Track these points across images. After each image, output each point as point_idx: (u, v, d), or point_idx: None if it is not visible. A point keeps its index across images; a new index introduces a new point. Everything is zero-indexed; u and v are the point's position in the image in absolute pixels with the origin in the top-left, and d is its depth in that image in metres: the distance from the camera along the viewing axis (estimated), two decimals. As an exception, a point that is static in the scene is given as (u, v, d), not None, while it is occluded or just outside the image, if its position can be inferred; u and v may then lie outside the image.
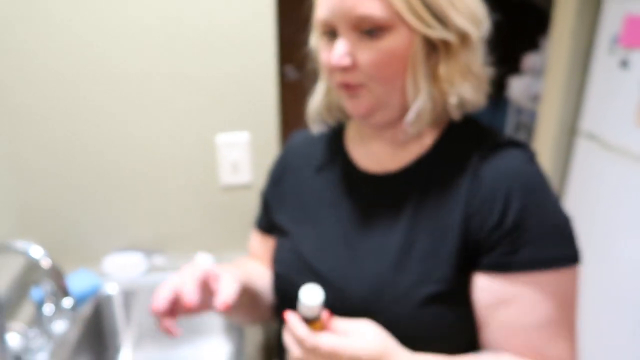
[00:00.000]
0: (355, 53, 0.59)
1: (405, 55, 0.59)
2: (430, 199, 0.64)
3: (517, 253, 0.59)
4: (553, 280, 0.59)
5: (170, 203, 1.19)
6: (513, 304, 0.60)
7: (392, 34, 0.57)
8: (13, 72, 1.03)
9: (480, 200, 0.61)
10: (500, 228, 0.59)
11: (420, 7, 0.56)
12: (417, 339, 0.61)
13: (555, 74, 1.98)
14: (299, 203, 0.75)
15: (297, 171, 0.78)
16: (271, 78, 1.13)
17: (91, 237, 1.19)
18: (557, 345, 0.60)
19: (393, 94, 0.61)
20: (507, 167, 0.61)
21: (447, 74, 0.60)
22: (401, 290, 0.61)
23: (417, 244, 0.62)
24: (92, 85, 1.07)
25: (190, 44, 1.07)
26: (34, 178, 1.12)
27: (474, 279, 0.62)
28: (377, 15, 0.56)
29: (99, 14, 1.02)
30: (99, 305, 1.12)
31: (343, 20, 0.58)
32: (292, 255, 0.72)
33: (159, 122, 1.12)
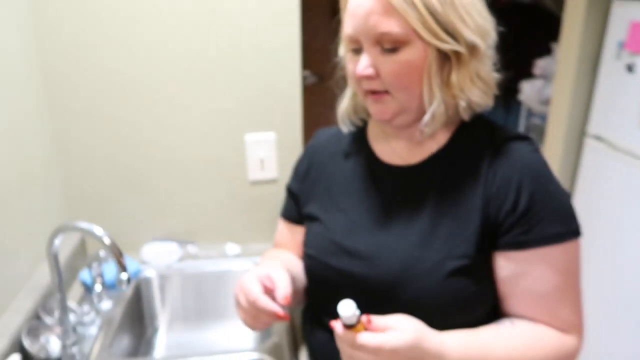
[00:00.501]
0: (377, 64, 0.69)
1: (421, 66, 0.68)
2: (451, 187, 0.74)
3: (529, 232, 0.69)
4: (559, 253, 0.69)
5: (203, 197, 1.30)
6: (528, 276, 0.70)
7: (409, 48, 0.67)
8: (63, 77, 1.15)
9: (496, 188, 0.71)
10: (515, 212, 0.69)
11: (433, 24, 0.65)
12: (442, 310, 0.71)
13: (564, 78, 2.06)
14: (327, 193, 0.84)
15: (324, 165, 0.87)
16: (296, 83, 1.24)
17: (131, 227, 1.30)
18: (565, 308, 0.71)
19: (412, 99, 0.71)
20: (518, 159, 0.72)
21: (457, 81, 0.69)
22: (427, 266, 0.70)
23: (441, 225, 0.72)
24: (136, 89, 1.18)
25: (222, 51, 1.18)
26: (81, 173, 1.24)
27: (494, 257, 0.72)
28: (396, 32, 0.66)
29: (144, 27, 1.13)
30: (138, 289, 1.24)
31: (366, 36, 0.68)
32: (323, 239, 0.81)
33: (194, 123, 1.23)
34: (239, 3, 1.15)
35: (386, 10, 0.65)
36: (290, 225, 0.94)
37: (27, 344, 0.90)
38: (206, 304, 1.30)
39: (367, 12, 0.66)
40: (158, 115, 1.21)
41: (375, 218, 0.77)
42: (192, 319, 1.31)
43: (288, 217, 0.94)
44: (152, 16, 1.13)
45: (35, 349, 0.92)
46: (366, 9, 0.67)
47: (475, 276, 0.71)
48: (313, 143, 0.93)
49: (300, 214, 0.91)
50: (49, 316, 1.00)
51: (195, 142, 1.25)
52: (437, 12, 0.65)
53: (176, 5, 1.13)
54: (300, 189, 0.90)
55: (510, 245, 0.70)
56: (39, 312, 0.99)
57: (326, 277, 0.78)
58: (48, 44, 1.12)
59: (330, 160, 0.87)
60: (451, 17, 0.66)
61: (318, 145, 0.91)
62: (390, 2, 0.65)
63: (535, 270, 0.70)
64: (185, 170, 1.27)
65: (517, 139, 0.74)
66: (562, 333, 0.72)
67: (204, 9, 1.14)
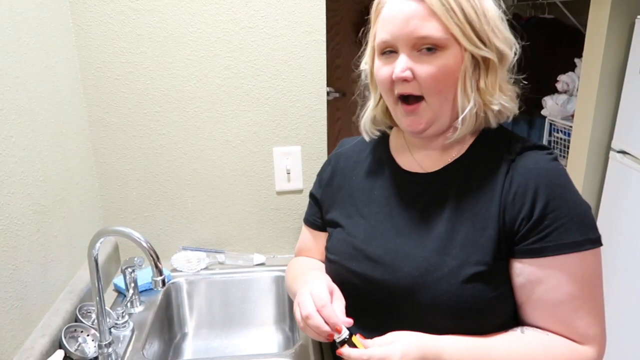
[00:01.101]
0: (414, 68, 0.71)
1: (456, 70, 0.72)
2: (470, 194, 0.76)
3: (544, 240, 0.70)
4: (576, 262, 0.70)
5: (232, 207, 1.35)
6: (543, 284, 0.71)
7: (447, 52, 0.71)
8: (103, 94, 1.22)
9: (513, 196, 0.72)
10: (530, 220, 0.71)
11: (469, 31, 0.70)
12: (459, 315, 0.72)
13: (587, 93, 2.06)
14: (349, 200, 0.88)
15: (347, 173, 0.91)
16: (322, 98, 1.28)
17: (163, 236, 1.36)
18: (582, 318, 0.71)
19: (445, 105, 0.74)
20: (535, 167, 0.73)
21: (486, 86, 0.73)
22: (445, 271, 0.72)
23: (459, 232, 0.74)
24: (170, 104, 1.25)
25: (253, 68, 1.24)
26: (116, 184, 1.30)
27: (511, 264, 0.73)
28: (436, 36, 0.69)
29: (180, 46, 1.20)
30: (168, 295, 1.28)
31: (405, 40, 0.71)
32: (345, 245, 0.84)
33: (225, 137, 1.29)
34: (271, 23, 1.20)
35: (427, 15, 0.69)
36: (313, 231, 0.98)
37: (66, 344, 0.95)
38: (232, 311, 1.34)
39: (408, 16, 0.70)
40: (191, 129, 1.27)
41: (395, 224, 0.80)
42: (218, 325, 1.34)
43: (312, 224, 0.98)
44: (187, 35, 1.20)
45: (73, 349, 0.97)
46: (407, 13, 0.70)
47: (492, 283, 0.72)
48: (337, 151, 0.97)
49: (323, 220, 0.94)
50: (85, 318, 1.05)
51: (226, 155, 1.30)
52: (474, 21, 0.69)
53: (211, 24, 1.19)
54: (323, 195, 0.94)
55: (526, 253, 0.72)
56: (76, 314, 1.04)
57: (348, 282, 0.81)
58: (90, 64, 1.19)
59: (354, 168, 0.90)
60: (485, 27, 0.70)
61: (342, 153, 0.95)
62: (431, 7, 0.68)
63: (551, 278, 0.71)
64: (216, 182, 1.33)
65: (535, 148, 0.76)
66: (578, 344, 0.72)
67: (237, 27, 1.20)
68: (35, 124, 0.97)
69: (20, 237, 0.90)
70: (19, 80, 0.92)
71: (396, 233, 0.79)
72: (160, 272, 0.85)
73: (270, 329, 1.35)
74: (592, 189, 2.11)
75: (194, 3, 1.17)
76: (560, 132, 2.69)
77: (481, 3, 0.71)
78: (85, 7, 1.15)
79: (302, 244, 1.03)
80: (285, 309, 1.33)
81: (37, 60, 0.99)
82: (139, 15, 1.17)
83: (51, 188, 1.03)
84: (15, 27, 0.91)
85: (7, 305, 0.85)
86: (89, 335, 1.02)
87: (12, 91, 0.89)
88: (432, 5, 0.68)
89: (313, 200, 0.98)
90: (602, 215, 2.03)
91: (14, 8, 0.91)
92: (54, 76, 1.06)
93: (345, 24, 3.03)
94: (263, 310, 1.34)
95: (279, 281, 1.33)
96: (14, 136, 0.89)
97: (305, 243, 1.01)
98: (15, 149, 0.89)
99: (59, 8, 1.11)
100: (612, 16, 1.92)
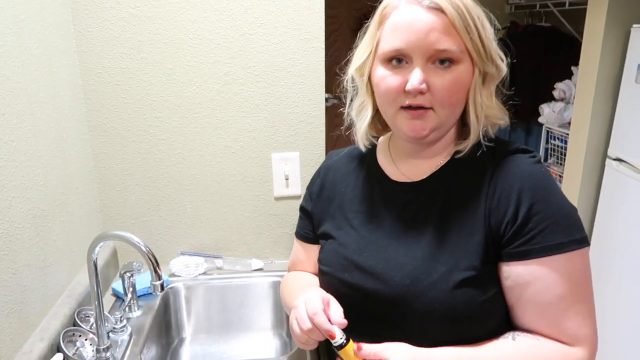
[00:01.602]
0: (429, 80, 0.71)
1: (468, 83, 0.73)
2: (456, 201, 0.77)
3: (530, 243, 0.71)
4: (562, 263, 0.70)
5: (230, 213, 1.36)
6: (530, 286, 0.71)
7: (460, 66, 0.72)
8: (103, 99, 1.23)
9: (497, 200, 0.73)
10: (515, 223, 0.71)
11: (481, 48, 0.72)
12: (452, 320, 0.73)
13: (584, 101, 2.08)
14: (340, 212, 0.88)
15: (336, 185, 0.92)
16: (320, 105, 1.29)
17: (161, 241, 1.36)
18: (571, 318, 0.71)
19: (452, 116, 0.76)
20: (518, 170, 0.74)
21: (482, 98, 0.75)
22: (435, 278, 0.73)
23: (447, 239, 0.75)
24: (168, 109, 1.26)
25: (252, 75, 1.25)
26: (115, 188, 1.31)
27: (499, 268, 0.74)
28: (453, 50, 0.70)
29: (180, 52, 1.21)
30: (166, 299, 1.29)
31: (423, 51, 0.70)
32: (337, 256, 0.85)
33: (224, 142, 1.30)
34: (270, 30, 1.22)
35: (447, 29, 0.70)
36: (305, 244, 0.99)
37: (64, 348, 0.95)
38: (230, 316, 1.34)
39: (429, 27, 0.69)
40: (190, 135, 1.28)
41: (385, 234, 0.81)
42: (216, 330, 1.35)
43: (303, 237, 0.99)
44: (188, 41, 1.21)
45: (71, 353, 0.97)
46: (427, 24, 0.69)
47: (482, 287, 0.73)
48: (326, 164, 0.97)
49: (314, 233, 0.95)
50: (83, 322, 1.05)
51: (225, 160, 1.31)
52: (484, 38, 0.72)
53: (211, 31, 1.20)
54: (314, 209, 0.94)
55: (513, 256, 0.72)
56: (74, 318, 1.04)
57: (341, 292, 0.82)
58: (90, 69, 1.20)
59: (343, 179, 0.91)
60: (490, 43, 0.73)
61: (331, 165, 0.96)
62: (453, 21, 0.69)
63: (538, 280, 0.71)
64: (214, 187, 1.33)
65: (518, 151, 0.77)
66: (569, 346, 0.72)
67: (236, 34, 1.21)
68: (36, 129, 0.98)
69: (20, 241, 0.90)
70: (21, 85, 0.93)
71: (386, 243, 0.80)
72: (159, 277, 0.85)
73: (268, 334, 1.35)
74: (588, 196, 2.13)
75: (195, 10, 1.19)
76: (557, 139, 2.71)
77: (484, 20, 0.73)
78: (87, 13, 1.16)
79: (294, 257, 1.03)
80: (283, 314, 1.34)
81: (38, 65, 1.00)
82: (140, 22, 1.18)
83: (51, 192, 1.03)
84: (18, 32, 0.92)
85: (6, 309, 0.86)
86: (87, 339, 1.02)
87: (13, 96, 0.90)
88: (454, 20, 0.69)
89: (304, 213, 0.98)
90: (598, 222, 2.04)
91: (17, 14, 0.92)
92: (55, 81, 1.07)
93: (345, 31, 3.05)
94: (261, 316, 1.35)
95: (276, 286, 1.33)
96: (15, 141, 0.90)
97: (297, 257, 1.02)
98: (16, 154, 0.90)
99: (61, 14, 1.12)
100: (608, 25, 1.94)
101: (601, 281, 1.94)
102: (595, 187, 2.11)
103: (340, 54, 0.88)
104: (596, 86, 2.00)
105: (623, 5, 1.92)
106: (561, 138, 2.66)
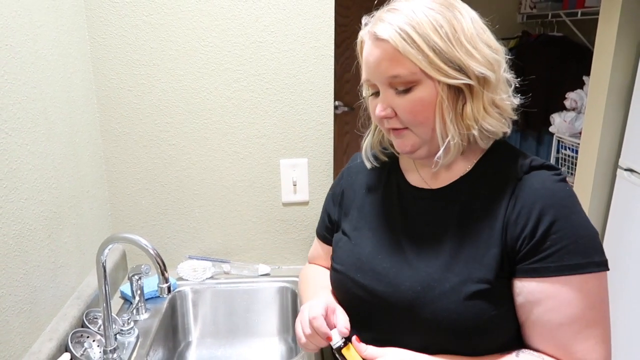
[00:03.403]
0: (394, 105, 0.74)
1: (433, 102, 0.72)
2: (475, 212, 0.76)
3: (546, 260, 0.69)
4: (577, 285, 0.68)
5: (238, 218, 1.37)
6: (542, 305, 0.70)
7: (421, 87, 0.71)
8: (115, 104, 1.25)
9: (517, 215, 0.72)
10: (532, 239, 0.70)
11: (439, 62, 0.69)
12: (460, 332, 0.72)
13: (595, 111, 2.06)
14: (360, 213, 0.89)
15: (358, 187, 0.93)
16: (329, 112, 1.30)
17: (169, 245, 1.38)
18: (581, 342, 0.69)
19: (430, 132, 0.75)
20: (541, 187, 0.72)
21: (472, 112, 0.72)
22: (447, 287, 0.73)
23: (462, 249, 0.74)
24: (179, 115, 1.28)
25: (263, 81, 1.27)
26: (125, 192, 1.33)
27: (512, 283, 0.73)
28: (405, 74, 0.71)
29: (192, 58, 1.23)
30: (173, 303, 1.30)
31: (380, 80, 0.74)
32: (351, 256, 0.85)
33: (233, 148, 1.31)
34: (280, 38, 1.23)
35: (394, 56, 0.71)
36: (323, 244, 1.01)
37: (72, 348, 0.97)
38: (236, 321, 1.35)
39: (378, 59, 0.73)
40: (200, 140, 1.30)
41: (401, 239, 0.81)
42: (222, 334, 1.35)
43: (322, 237, 1.02)
44: (199, 49, 1.23)
45: (79, 353, 0.98)
46: (376, 56, 0.73)
47: (494, 301, 0.72)
48: (350, 165, 0.99)
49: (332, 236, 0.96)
50: (92, 324, 1.07)
51: (234, 166, 1.33)
52: (442, 51, 0.69)
53: (222, 39, 1.22)
54: (336, 211, 0.96)
55: (527, 272, 0.71)
56: (83, 319, 1.06)
57: (352, 292, 0.83)
58: (104, 75, 1.23)
59: (365, 182, 0.92)
60: (457, 53, 0.69)
61: (353, 167, 0.97)
62: (396, 48, 0.70)
63: (550, 299, 0.70)
64: (223, 192, 1.35)
65: (543, 167, 0.75)
66: None
67: (247, 42, 1.23)
68: (49, 133, 1.00)
69: (32, 242, 0.92)
70: (36, 90, 0.95)
71: (402, 248, 0.80)
72: (167, 280, 0.86)
73: (274, 339, 1.35)
74: (599, 206, 2.11)
75: (206, 18, 1.21)
76: (568, 149, 2.69)
77: (452, 27, 0.69)
78: (101, 20, 1.19)
79: (314, 251, 1.08)
80: (289, 319, 1.34)
81: (53, 71, 1.02)
82: (153, 29, 1.21)
83: (63, 195, 1.05)
84: (34, 38, 0.94)
85: (17, 309, 0.87)
86: (95, 340, 1.03)
87: (28, 101, 0.92)
88: (397, 45, 0.69)
89: (325, 214, 1.00)
90: (609, 233, 2.02)
91: (33, 20, 0.94)
92: (69, 87, 1.10)
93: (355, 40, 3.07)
94: (267, 321, 1.35)
95: (283, 292, 1.34)
96: (29, 144, 0.92)
97: (317, 251, 1.06)
98: (30, 157, 0.92)
99: (76, 21, 1.14)
100: (619, 35, 1.93)
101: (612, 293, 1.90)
102: (606, 198, 2.09)
103: (351, 62, 0.90)
104: (607, 96, 1.99)
105: (635, 15, 1.92)
106: (572, 148, 2.64)
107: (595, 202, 2.11)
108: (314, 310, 0.77)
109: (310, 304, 0.80)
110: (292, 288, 1.32)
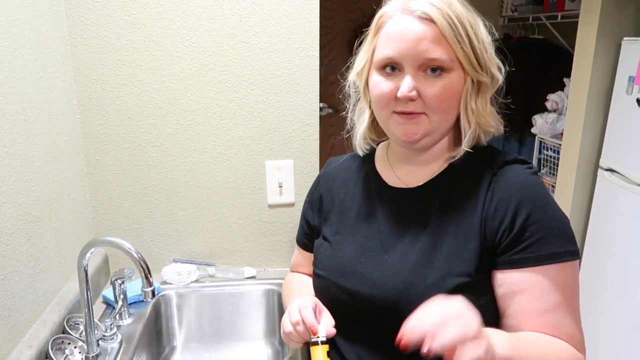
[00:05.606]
0: (419, 88, 0.73)
1: (459, 92, 0.75)
2: (452, 208, 0.78)
3: (525, 251, 0.72)
4: (555, 273, 0.72)
5: (223, 220, 1.35)
6: (525, 293, 0.72)
7: (451, 74, 0.73)
8: (96, 105, 1.23)
9: (494, 208, 0.74)
10: (511, 232, 0.72)
11: (472, 57, 0.73)
12: None
13: (576, 112, 2.10)
14: (339, 218, 0.89)
15: (336, 191, 0.92)
16: (314, 113, 1.30)
17: (153, 248, 1.36)
18: (566, 324, 0.73)
19: (445, 122, 0.77)
20: (516, 180, 0.76)
21: (477, 107, 0.77)
22: (429, 283, 0.74)
23: (442, 244, 0.76)
24: (162, 117, 1.26)
25: (247, 83, 1.26)
26: (107, 195, 1.30)
27: (493, 275, 0.75)
28: (444, 59, 0.72)
29: (175, 59, 1.22)
30: (157, 307, 1.28)
31: (413, 59, 0.72)
32: (332, 261, 0.85)
33: (217, 150, 1.30)
34: (265, 39, 1.22)
35: (437, 39, 0.71)
36: (303, 252, 1.01)
37: (52, 355, 0.94)
38: (222, 324, 1.33)
39: (419, 37, 0.71)
40: (184, 142, 1.28)
41: (382, 240, 0.81)
42: (207, 338, 1.33)
43: (303, 245, 1.01)
44: (183, 49, 1.21)
45: (60, 360, 0.96)
46: (417, 34, 0.72)
47: (476, 294, 0.73)
48: (325, 171, 0.99)
49: (312, 244, 0.96)
50: (73, 330, 1.04)
51: (218, 168, 1.31)
52: (476, 47, 0.73)
53: (206, 39, 1.21)
54: (313, 218, 0.96)
55: (508, 264, 0.73)
56: (64, 326, 1.03)
57: (335, 297, 0.83)
58: (85, 75, 1.20)
59: (341, 186, 0.92)
60: (484, 53, 0.74)
61: (329, 172, 0.97)
62: (442, 31, 0.71)
63: (533, 287, 0.72)
64: (208, 194, 1.33)
65: (516, 162, 0.79)
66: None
67: (231, 42, 1.22)
68: (28, 134, 0.97)
69: (9, 246, 0.90)
70: (14, 91, 0.92)
71: (383, 249, 0.81)
72: (150, 283, 0.85)
73: (260, 342, 1.34)
74: (580, 205, 2.14)
75: (190, 18, 1.19)
76: (549, 149, 2.73)
77: (479, 30, 0.74)
78: (82, 19, 1.16)
79: (296, 260, 1.06)
80: (275, 322, 1.33)
81: (32, 71, 1.00)
82: (135, 29, 1.18)
83: (42, 198, 1.03)
84: (12, 37, 0.92)
85: (-6, 316, 0.85)
86: (76, 347, 1.01)
87: (6, 101, 0.90)
88: (443, 29, 0.71)
89: (304, 222, 1.00)
90: (591, 231, 2.05)
91: (11, 19, 0.92)
92: (49, 87, 1.07)
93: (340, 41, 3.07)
94: (253, 324, 1.34)
95: (269, 294, 1.32)
96: (7, 146, 0.89)
97: (298, 259, 1.05)
98: (8, 159, 0.90)
99: (56, 20, 1.12)
100: (599, 37, 1.97)
101: (594, 290, 1.94)
102: (588, 197, 2.13)
103: (335, 63, 0.90)
104: (588, 98, 2.03)
105: (614, 18, 1.96)
106: (554, 149, 2.68)
107: (577, 201, 2.14)
108: (304, 301, 0.79)
109: (300, 298, 0.81)
110: (278, 290, 1.31)
